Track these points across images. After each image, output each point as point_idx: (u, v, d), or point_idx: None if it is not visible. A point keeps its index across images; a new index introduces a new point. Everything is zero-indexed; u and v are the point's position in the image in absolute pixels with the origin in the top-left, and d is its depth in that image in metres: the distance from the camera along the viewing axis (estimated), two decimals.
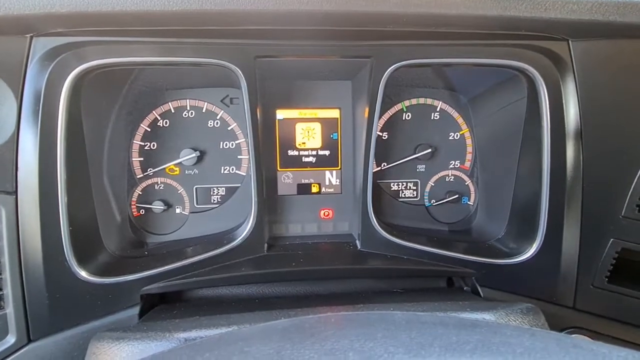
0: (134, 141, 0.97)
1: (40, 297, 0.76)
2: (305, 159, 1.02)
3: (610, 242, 0.86)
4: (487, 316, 0.59)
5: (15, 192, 0.73)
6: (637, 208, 0.83)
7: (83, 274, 0.77)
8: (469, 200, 1.07)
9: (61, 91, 0.72)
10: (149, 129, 0.97)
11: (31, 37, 0.70)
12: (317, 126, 1.01)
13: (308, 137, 1.01)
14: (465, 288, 0.93)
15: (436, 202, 1.07)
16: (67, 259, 0.76)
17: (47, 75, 0.71)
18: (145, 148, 0.98)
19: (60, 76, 0.72)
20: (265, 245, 0.92)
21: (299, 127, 1.01)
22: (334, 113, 1.01)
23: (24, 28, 0.69)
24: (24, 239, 0.74)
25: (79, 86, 0.75)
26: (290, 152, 1.02)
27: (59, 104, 0.72)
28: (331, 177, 1.03)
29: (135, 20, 0.67)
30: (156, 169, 0.98)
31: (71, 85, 0.73)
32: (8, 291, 0.75)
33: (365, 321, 0.43)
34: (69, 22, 0.67)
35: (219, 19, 0.69)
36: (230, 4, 0.64)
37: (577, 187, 0.84)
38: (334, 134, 1.02)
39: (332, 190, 1.04)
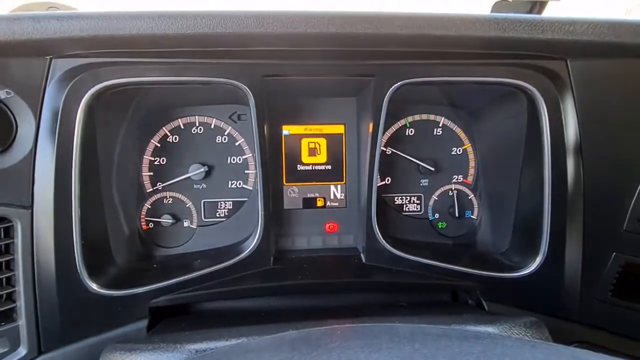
0: (144, 156, 0.99)
1: (52, 309, 0.78)
2: (310, 174, 1.04)
3: (613, 256, 0.86)
4: (490, 329, 0.60)
5: (31, 207, 0.75)
6: (639, 222, 0.84)
7: (94, 286, 0.79)
8: (472, 214, 1.08)
9: (77, 110, 0.75)
10: (159, 145, 1.00)
11: (50, 59, 0.74)
12: (323, 142, 1.04)
13: (313, 152, 1.04)
14: (469, 302, 0.94)
15: (440, 215, 1.08)
16: (79, 271, 0.78)
17: (64, 95, 0.74)
18: (155, 163, 1.00)
19: (77, 95, 0.75)
20: (272, 258, 0.93)
21: (305, 142, 1.03)
22: (339, 129, 1.04)
23: (44, 50, 0.72)
24: (38, 252, 0.76)
25: (94, 105, 0.78)
26: (296, 167, 1.04)
27: (75, 122, 0.75)
28: (336, 191, 1.05)
29: (148, 42, 0.70)
30: (165, 184, 1.00)
31: (87, 104, 0.76)
32: (21, 303, 0.77)
33: (370, 333, 0.45)
34: (86, 45, 0.71)
35: (228, 40, 0.72)
36: (240, 27, 0.68)
37: (579, 201, 0.85)
38: (339, 149, 1.04)
39: (337, 204, 1.05)
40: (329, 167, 1.04)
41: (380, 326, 0.47)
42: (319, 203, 1.05)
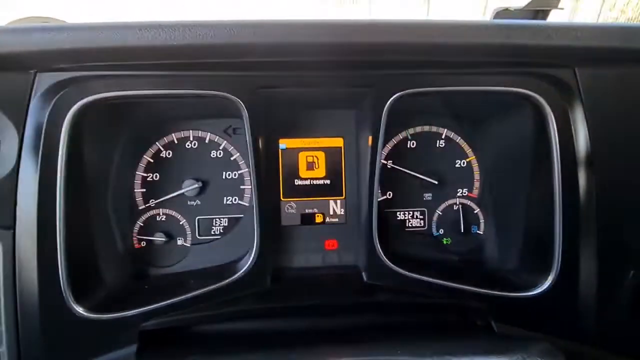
0: (137, 172, 0.96)
1: (34, 335, 0.74)
2: (309, 189, 1.01)
3: (631, 274, 0.81)
4: None
5: (14, 227, 0.72)
6: None
7: (80, 310, 0.75)
8: (478, 229, 1.04)
9: (62, 125, 0.72)
10: (151, 160, 0.97)
11: (35, 73, 0.71)
12: (321, 155, 1.00)
13: (311, 166, 1.00)
14: (478, 322, 0.88)
15: (444, 231, 1.04)
16: (64, 294, 0.74)
17: (49, 110, 0.72)
18: (148, 179, 0.97)
19: (62, 110, 0.72)
20: (269, 277, 0.89)
21: (303, 156, 1.00)
22: (338, 142, 1.01)
23: (28, 64, 0.70)
24: (20, 275, 0.73)
25: (81, 119, 0.75)
26: (294, 182, 1.00)
27: (60, 138, 0.72)
28: (335, 206, 1.01)
29: (136, 54, 0.68)
30: (158, 200, 0.97)
31: (73, 119, 0.73)
32: (2, 329, 0.73)
33: None
34: (72, 58, 0.68)
35: (219, 51, 0.70)
36: (231, 37, 0.65)
37: (591, 216, 0.81)
38: (338, 163, 1.01)
39: (336, 220, 1.01)
40: (328, 181, 1.01)
41: None
42: (318, 219, 1.01)
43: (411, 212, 1.04)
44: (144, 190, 0.97)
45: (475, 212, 1.04)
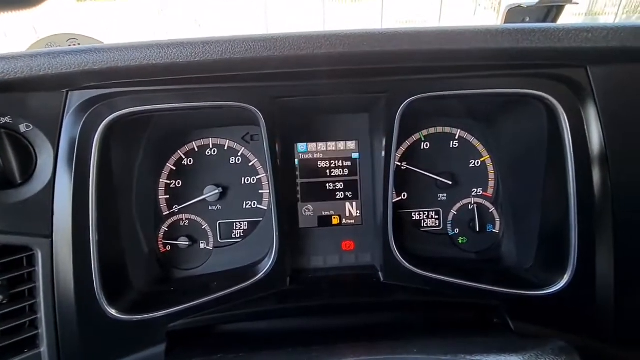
0: (161, 180, 1.01)
1: (72, 335, 0.79)
2: (325, 191, 1.03)
3: None
4: (513, 358, 0.56)
5: (51, 236, 0.77)
6: None
7: (113, 312, 0.80)
8: (494, 228, 1.05)
9: (94, 139, 0.77)
10: (174, 168, 1.01)
11: (67, 92, 0.76)
12: (336, 158, 1.03)
13: (327, 169, 1.03)
14: (495, 320, 0.90)
15: (460, 230, 1.05)
16: (98, 297, 0.79)
17: (81, 125, 0.76)
18: (171, 186, 1.01)
19: (93, 125, 0.77)
20: (288, 278, 0.92)
21: (319, 160, 1.03)
22: (352, 145, 1.03)
23: (60, 84, 0.74)
24: (58, 280, 0.78)
25: (109, 133, 0.80)
26: (310, 185, 1.03)
27: (91, 151, 0.77)
28: (351, 208, 1.04)
29: (159, 71, 0.72)
30: (181, 206, 1.01)
31: (102, 133, 0.77)
32: (43, 330, 0.78)
33: None
34: (99, 77, 0.73)
35: (236, 65, 0.73)
36: (247, 52, 0.68)
37: (607, 213, 0.81)
38: (353, 165, 1.03)
39: (352, 221, 1.04)
40: (343, 184, 1.03)
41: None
42: (335, 221, 1.04)
43: (426, 212, 1.05)
44: (168, 196, 1.01)
45: (491, 211, 1.04)
